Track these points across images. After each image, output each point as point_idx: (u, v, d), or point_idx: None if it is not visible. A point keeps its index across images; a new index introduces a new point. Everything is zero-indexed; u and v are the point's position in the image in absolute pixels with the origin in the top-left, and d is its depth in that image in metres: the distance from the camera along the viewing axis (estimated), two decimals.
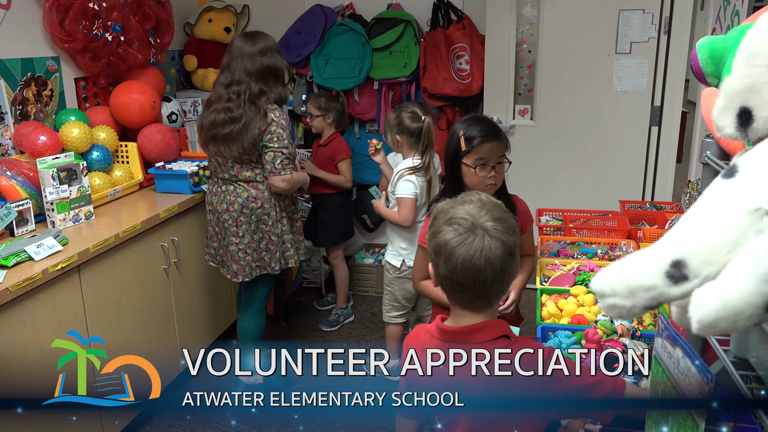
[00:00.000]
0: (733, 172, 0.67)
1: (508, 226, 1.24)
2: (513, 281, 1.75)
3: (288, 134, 2.62)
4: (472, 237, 1.21)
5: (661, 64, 3.52)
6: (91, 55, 2.99)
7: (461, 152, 1.91)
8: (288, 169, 2.61)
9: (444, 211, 1.27)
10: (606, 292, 0.69)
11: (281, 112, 2.60)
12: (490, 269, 1.20)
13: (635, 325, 1.96)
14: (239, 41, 2.60)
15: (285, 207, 2.75)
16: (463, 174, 1.94)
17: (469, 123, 1.94)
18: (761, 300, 0.56)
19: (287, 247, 2.77)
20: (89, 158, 2.84)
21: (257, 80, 2.56)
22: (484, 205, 1.26)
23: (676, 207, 3.05)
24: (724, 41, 0.96)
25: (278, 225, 2.72)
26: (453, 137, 1.94)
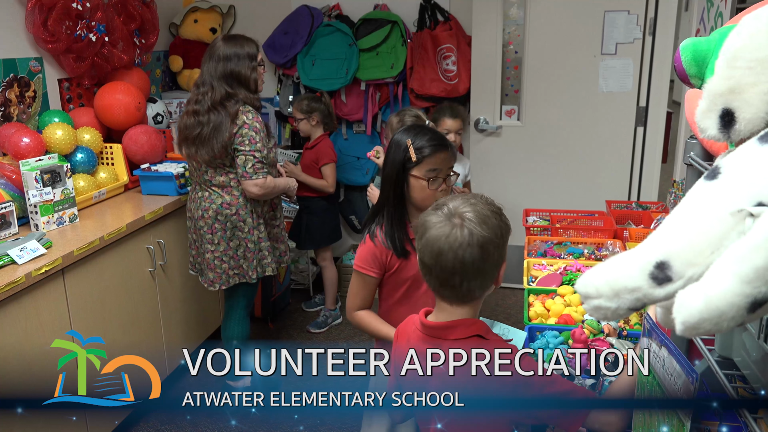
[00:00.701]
0: (716, 173, 0.68)
1: (486, 221, 1.24)
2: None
3: (262, 137, 2.56)
4: (447, 223, 1.23)
5: (647, 65, 3.55)
6: (75, 56, 2.96)
7: (410, 164, 1.77)
8: (261, 173, 2.55)
9: (440, 201, 1.31)
10: (591, 294, 0.69)
11: (255, 115, 2.55)
12: (452, 254, 1.21)
13: (622, 325, 1.97)
14: (217, 42, 2.60)
15: (262, 213, 2.69)
16: (410, 188, 1.80)
17: (416, 132, 1.81)
18: (744, 301, 0.56)
19: (264, 254, 2.70)
20: (73, 160, 2.82)
21: (221, 84, 2.52)
22: (475, 199, 1.28)
23: (662, 207, 3.07)
24: (707, 43, 0.97)
25: (255, 232, 2.66)
26: (398, 147, 1.79)
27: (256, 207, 2.66)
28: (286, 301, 3.93)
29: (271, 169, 2.67)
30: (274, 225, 2.78)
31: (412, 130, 1.83)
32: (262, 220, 2.68)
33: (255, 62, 2.57)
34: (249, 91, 2.57)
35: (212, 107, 2.51)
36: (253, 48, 2.58)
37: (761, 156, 0.65)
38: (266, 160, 2.57)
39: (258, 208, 2.67)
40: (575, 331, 1.86)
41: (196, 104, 2.54)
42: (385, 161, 1.85)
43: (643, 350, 1.19)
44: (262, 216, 2.69)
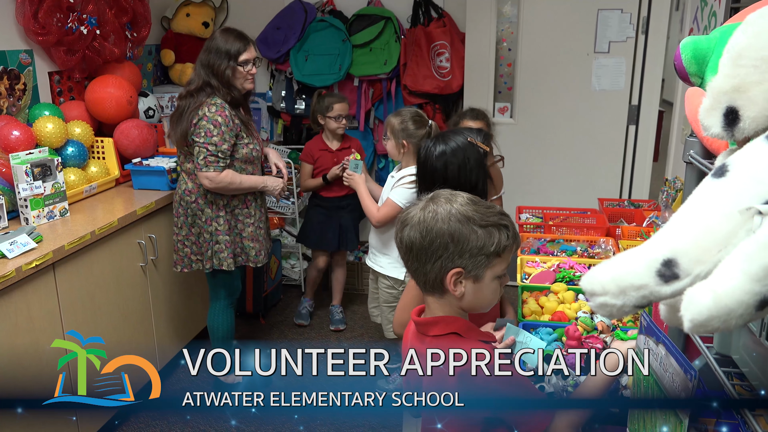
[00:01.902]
0: (724, 171, 0.68)
1: (444, 216, 1.20)
2: None
3: (222, 131, 2.52)
4: (426, 203, 1.24)
5: (639, 64, 3.56)
6: (66, 49, 2.92)
7: (484, 156, 1.76)
8: (213, 167, 2.52)
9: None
10: (596, 291, 0.69)
11: (219, 109, 2.52)
12: (400, 232, 1.23)
13: (615, 322, 1.98)
14: (215, 31, 2.64)
15: (225, 206, 2.65)
16: (492, 177, 1.81)
17: (458, 131, 1.81)
18: (753, 299, 0.56)
19: (221, 248, 2.66)
20: (64, 154, 2.79)
21: (201, 73, 2.56)
22: (465, 201, 1.24)
23: (653, 205, 3.09)
24: (708, 41, 0.97)
25: (213, 224, 2.65)
26: (462, 150, 1.73)
27: (216, 199, 2.63)
28: (278, 296, 3.92)
29: (246, 165, 2.65)
30: (249, 223, 2.72)
31: (448, 136, 1.78)
32: (222, 213, 2.65)
33: (234, 61, 2.55)
34: (223, 86, 2.55)
35: (188, 94, 2.57)
36: (238, 46, 2.55)
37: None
38: (223, 155, 2.53)
39: (220, 201, 2.64)
40: (569, 328, 1.87)
41: (185, 88, 2.63)
42: (457, 174, 1.73)
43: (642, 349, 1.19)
44: (223, 209, 2.65)
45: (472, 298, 1.24)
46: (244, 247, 2.74)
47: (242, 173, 2.64)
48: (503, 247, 1.20)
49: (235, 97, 2.59)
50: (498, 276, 1.24)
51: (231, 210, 2.67)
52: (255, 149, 2.67)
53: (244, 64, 2.57)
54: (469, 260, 1.20)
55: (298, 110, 4.00)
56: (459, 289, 1.22)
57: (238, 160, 2.63)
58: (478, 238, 1.19)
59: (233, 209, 2.68)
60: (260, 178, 2.70)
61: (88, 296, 2.47)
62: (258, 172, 2.74)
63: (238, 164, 2.63)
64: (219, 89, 2.54)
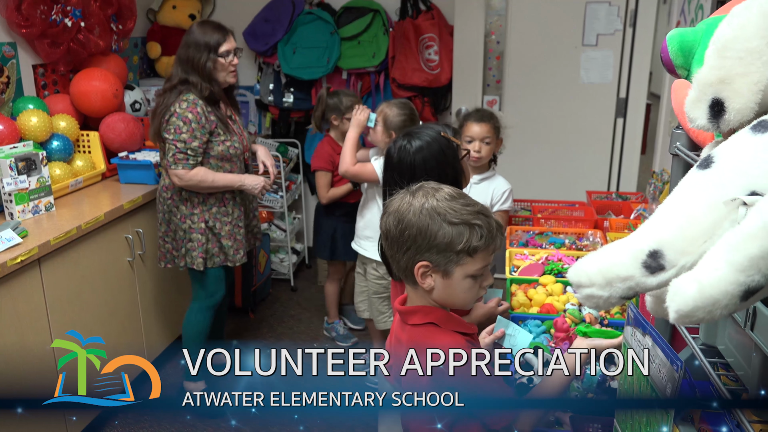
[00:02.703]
0: (709, 163, 0.68)
1: (424, 209, 1.20)
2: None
3: (193, 128, 2.45)
4: (407, 193, 1.26)
5: (627, 57, 3.57)
6: (50, 41, 2.89)
7: (459, 152, 1.75)
8: (182, 164, 2.46)
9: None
10: (583, 283, 0.69)
11: (191, 105, 2.45)
12: (391, 221, 1.24)
13: (602, 314, 2.00)
14: (192, 26, 2.57)
15: (200, 204, 2.58)
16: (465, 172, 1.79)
17: (425, 125, 1.79)
18: (738, 289, 0.57)
19: (194, 246, 2.60)
20: (49, 148, 2.75)
21: (179, 68, 2.49)
22: (447, 195, 1.24)
23: (641, 197, 3.10)
24: (694, 33, 0.97)
25: (187, 221, 2.59)
26: (440, 144, 1.71)
27: (191, 196, 2.57)
28: (267, 291, 3.91)
29: (223, 162, 2.57)
30: (226, 222, 2.64)
31: (419, 132, 1.75)
32: (197, 210, 2.58)
33: (214, 53, 2.47)
34: (204, 80, 2.48)
35: (164, 91, 2.52)
36: (217, 37, 2.48)
37: (754, 146, 0.65)
38: (193, 152, 2.47)
39: (195, 198, 2.57)
40: (557, 320, 1.88)
41: (163, 85, 2.58)
42: (433, 170, 1.69)
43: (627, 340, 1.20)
44: (199, 206, 2.58)
45: (442, 293, 1.24)
46: (222, 246, 2.65)
47: (219, 171, 2.57)
48: (473, 248, 1.19)
49: (214, 93, 2.51)
50: (471, 275, 1.22)
51: (208, 208, 2.60)
52: (233, 146, 2.58)
53: (225, 55, 2.50)
54: (436, 255, 1.20)
55: (286, 103, 3.98)
56: (427, 281, 1.23)
57: (213, 157, 2.55)
58: (445, 235, 1.18)
59: (210, 207, 2.60)
60: (237, 177, 2.60)
61: (75, 292, 2.45)
62: (238, 170, 2.65)
63: (214, 162, 2.55)
64: (197, 85, 2.47)
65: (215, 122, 2.52)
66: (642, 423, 1.12)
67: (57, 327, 2.34)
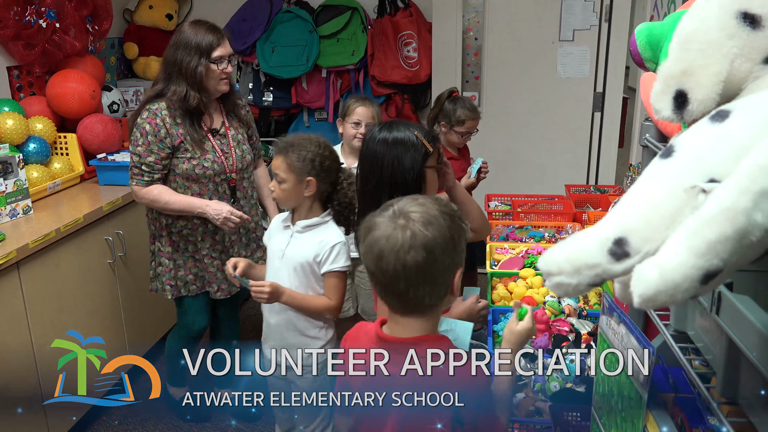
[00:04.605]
0: (670, 152, 0.70)
1: (431, 222, 1.12)
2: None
3: (148, 141, 2.22)
4: (390, 223, 1.13)
5: (603, 51, 3.62)
6: (25, 43, 2.86)
7: (427, 156, 1.64)
8: (136, 180, 2.26)
9: (389, 201, 1.20)
10: (552, 271, 0.71)
11: (151, 115, 2.22)
12: (394, 258, 1.10)
13: (581, 305, 2.03)
14: (183, 25, 2.32)
15: (168, 226, 2.35)
16: (426, 182, 1.67)
17: (406, 125, 1.69)
18: (697, 273, 0.59)
19: (163, 271, 2.41)
20: (25, 150, 2.73)
21: (165, 75, 2.25)
22: (429, 202, 1.17)
23: (619, 190, 3.15)
24: (661, 27, 0.99)
25: (156, 243, 2.40)
26: (405, 147, 1.62)
27: (159, 216, 2.35)
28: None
29: (190, 183, 2.29)
30: (203, 246, 2.38)
31: (397, 125, 1.68)
32: (165, 233, 2.36)
33: (206, 58, 2.19)
34: (193, 87, 2.20)
35: (146, 97, 2.30)
36: (210, 40, 2.20)
37: (712, 134, 0.67)
38: (148, 168, 2.24)
39: (163, 219, 2.34)
40: (537, 312, 1.90)
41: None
42: (392, 165, 1.62)
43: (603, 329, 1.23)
44: (165, 228, 2.36)
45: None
46: (198, 273, 2.42)
47: (186, 192, 2.29)
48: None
49: (191, 104, 2.21)
50: None
51: (178, 231, 2.35)
52: (202, 166, 2.27)
53: (218, 61, 2.21)
54: (460, 255, 1.19)
55: (265, 102, 3.98)
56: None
57: (179, 176, 2.28)
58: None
59: (180, 230, 2.35)
60: (199, 202, 2.26)
61: (55, 295, 2.43)
62: (210, 193, 2.32)
63: (180, 181, 2.29)
64: (180, 93, 2.19)
65: (183, 136, 2.24)
66: (617, 410, 1.15)
67: (37, 330, 2.32)
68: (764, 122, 0.66)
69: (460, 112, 2.79)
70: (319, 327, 2.00)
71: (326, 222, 1.97)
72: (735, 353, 0.81)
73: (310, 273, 1.95)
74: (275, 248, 2.01)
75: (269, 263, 2.04)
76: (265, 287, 1.86)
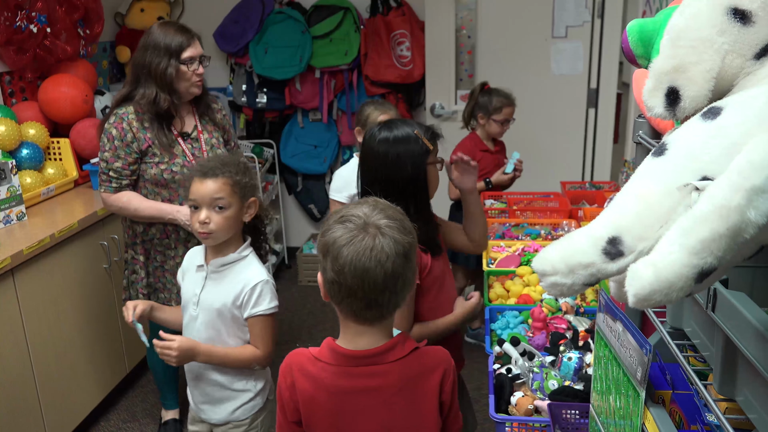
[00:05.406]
0: (663, 150, 0.69)
1: (403, 227, 1.16)
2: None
3: (115, 146, 2.17)
4: (363, 235, 1.11)
5: (596, 48, 3.62)
6: (16, 48, 2.84)
7: (426, 154, 1.63)
8: (104, 186, 2.21)
9: (337, 211, 1.18)
10: (547, 271, 0.71)
11: (117, 119, 2.17)
12: (381, 269, 1.10)
13: (579, 302, 2.03)
14: (152, 27, 2.24)
15: (141, 233, 2.29)
16: (428, 179, 1.66)
17: (406, 123, 1.67)
18: (691, 272, 0.58)
19: (136, 279, 2.34)
20: (18, 156, 2.72)
21: (134, 78, 2.19)
22: (378, 204, 1.18)
23: (614, 186, 3.15)
24: (653, 23, 0.99)
25: (130, 251, 2.35)
26: (406, 143, 1.61)
27: (133, 224, 2.30)
28: None
29: (160, 189, 2.23)
30: (170, 256, 2.30)
31: (396, 124, 1.66)
32: (138, 241, 2.31)
33: (176, 59, 2.13)
34: (163, 90, 2.14)
35: (115, 100, 2.26)
36: (180, 40, 2.15)
37: (704, 132, 0.67)
38: (116, 174, 2.20)
39: (137, 227, 2.29)
40: (534, 310, 1.90)
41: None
42: (393, 164, 1.61)
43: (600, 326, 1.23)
44: (140, 236, 2.30)
45: None
46: (166, 283, 2.34)
47: (156, 198, 2.24)
48: None
49: (162, 107, 2.16)
50: None
51: (149, 238, 2.30)
52: (170, 170, 2.21)
53: (189, 62, 2.16)
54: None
55: (259, 104, 3.97)
56: None
57: (148, 181, 2.23)
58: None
59: (152, 237, 2.30)
60: (170, 208, 2.19)
61: (51, 301, 2.42)
62: (179, 200, 2.24)
63: (150, 186, 2.24)
64: (149, 96, 2.14)
65: (151, 140, 2.19)
66: (615, 408, 1.15)
67: (33, 337, 2.31)
68: (756, 119, 0.65)
69: (495, 100, 2.89)
70: (246, 378, 1.76)
71: (245, 257, 1.72)
72: (731, 350, 0.81)
73: (231, 320, 1.70)
74: (188, 293, 1.76)
75: (183, 309, 1.79)
76: (172, 346, 1.62)
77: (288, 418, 1.24)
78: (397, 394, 1.20)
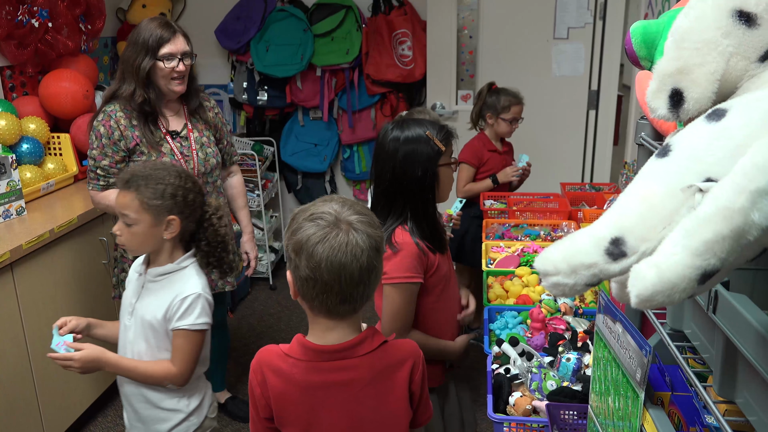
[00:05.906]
0: (666, 151, 0.69)
1: (372, 221, 1.18)
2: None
3: (102, 144, 2.15)
4: (336, 231, 1.12)
5: (597, 49, 3.62)
6: (17, 43, 2.84)
7: (438, 155, 1.62)
8: (92, 184, 2.19)
9: (303, 210, 1.19)
10: (549, 271, 0.71)
11: (105, 117, 2.14)
12: (357, 264, 1.12)
13: (577, 303, 2.03)
14: (141, 22, 2.20)
15: None
16: (439, 180, 1.64)
17: (420, 123, 1.65)
18: (694, 273, 0.58)
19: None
20: (18, 151, 2.71)
21: (120, 72, 2.17)
22: (346, 201, 1.20)
23: (614, 188, 3.15)
24: (656, 25, 0.99)
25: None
26: (417, 143, 1.61)
27: None
28: (246, 290, 3.90)
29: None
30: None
31: (408, 124, 1.65)
32: None
33: (152, 56, 2.09)
34: (139, 86, 2.11)
35: (104, 97, 2.23)
36: (159, 35, 2.10)
37: (708, 133, 0.67)
38: (103, 172, 2.17)
39: None
40: (533, 311, 1.90)
41: None
42: (402, 164, 1.60)
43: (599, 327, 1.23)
44: None
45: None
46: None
47: None
48: None
49: (151, 102, 2.14)
50: None
51: None
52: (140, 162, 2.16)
53: (167, 58, 2.10)
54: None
55: (260, 101, 3.97)
56: None
57: None
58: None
59: None
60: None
61: (50, 296, 2.42)
62: None
63: None
64: (129, 93, 2.12)
65: (139, 138, 2.16)
66: (614, 409, 1.15)
67: (32, 333, 2.31)
68: (761, 121, 0.65)
69: (503, 99, 2.92)
70: (178, 396, 1.66)
71: (183, 269, 1.63)
72: (732, 352, 0.81)
73: (164, 334, 1.61)
74: (125, 301, 1.69)
75: (120, 319, 1.72)
76: (74, 357, 1.55)
77: (260, 414, 1.25)
78: (367, 387, 1.22)
